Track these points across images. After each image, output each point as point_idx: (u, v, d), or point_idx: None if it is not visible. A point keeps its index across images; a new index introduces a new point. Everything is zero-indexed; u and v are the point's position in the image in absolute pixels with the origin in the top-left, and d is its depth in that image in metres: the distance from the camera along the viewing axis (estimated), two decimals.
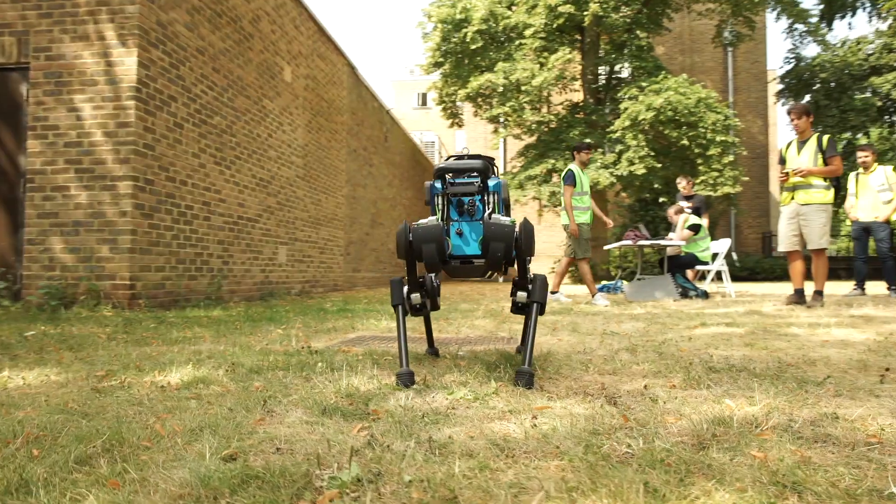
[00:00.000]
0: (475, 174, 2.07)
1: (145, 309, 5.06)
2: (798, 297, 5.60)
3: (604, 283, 9.75)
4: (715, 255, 8.12)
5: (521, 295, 2.16)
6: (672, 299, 7.12)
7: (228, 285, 6.67)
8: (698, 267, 7.98)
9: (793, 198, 5.61)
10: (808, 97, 18.32)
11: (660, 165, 14.56)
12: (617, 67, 16.76)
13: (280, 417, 1.61)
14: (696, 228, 7.87)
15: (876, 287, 9.38)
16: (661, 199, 16.61)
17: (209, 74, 6.28)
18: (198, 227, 6.07)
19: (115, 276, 5.05)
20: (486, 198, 2.11)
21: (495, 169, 2.22)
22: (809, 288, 5.84)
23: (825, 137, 5.48)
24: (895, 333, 3.45)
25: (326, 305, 6.23)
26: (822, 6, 18.83)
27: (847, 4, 18.40)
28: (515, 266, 2.16)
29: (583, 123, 15.65)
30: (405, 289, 2.18)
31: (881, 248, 6.98)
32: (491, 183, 2.11)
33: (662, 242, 7.75)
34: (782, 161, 5.77)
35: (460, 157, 2.14)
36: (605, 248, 10.12)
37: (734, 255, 17.19)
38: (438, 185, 2.13)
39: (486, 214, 2.08)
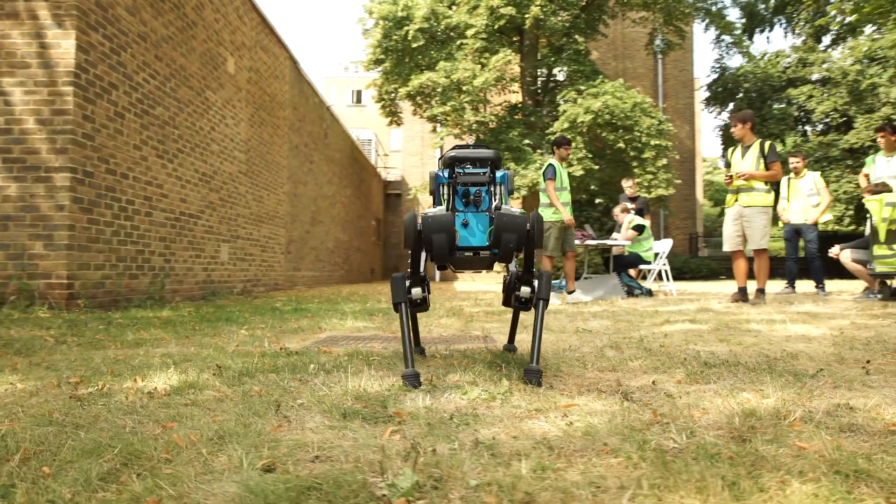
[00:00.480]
0: (485, 164, 2.02)
1: (85, 309, 4.72)
2: (741, 295, 5.86)
3: None
4: (657, 255, 8.40)
5: (525, 290, 2.12)
6: (620, 297, 7.30)
7: (171, 284, 6.33)
8: (641, 266, 8.23)
9: (737, 200, 5.86)
10: (731, 105, 19.33)
11: (597, 167, 14.97)
12: (555, 71, 17.10)
13: (299, 423, 1.51)
14: (640, 229, 8.11)
15: (803, 285, 9.95)
16: (597, 201, 17.06)
17: (151, 62, 5.94)
18: (139, 222, 5.72)
19: (50, 275, 4.68)
20: (492, 189, 2.06)
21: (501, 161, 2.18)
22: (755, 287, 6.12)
23: (767, 143, 5.75)
24: (846, 328, 3.65)
25: (277, 305, 6.02)
26: (744, 20, 19.90)
27: (766, 20, 19.54)
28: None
29: (521, 125, 15.87)
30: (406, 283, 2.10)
31: (810, 249, 7.41)
32: (498, 174, 2.07)
33: (608, 242, 7.94)
34: (728, 165, 6.02)
35: (464, 147, 2.08)
36: None
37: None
38: (444, 174, 2.07)
39: (493, 205, 2.04)
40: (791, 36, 19.76)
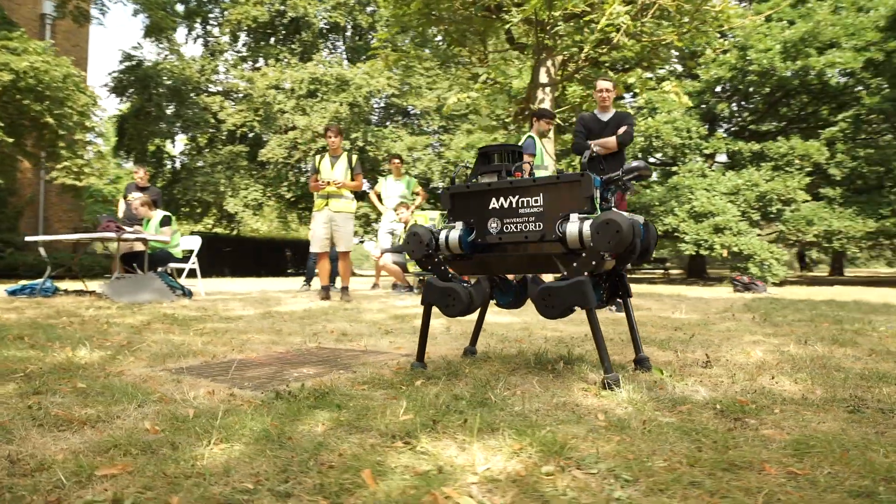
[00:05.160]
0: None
1: None
2: (325, 293, 6.42)
3: (23, 283, 7.65)
4: (188, 253, 7.87)
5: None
6: (170, 300, 6.59)
7: None
8: (172, 265, 7.57)
9: (327, 205, 6.40)
10: (146, 96, 18.53)
11: (11, 140, 12.09)
12: None
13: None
14: (167, 221, 7.46)
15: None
16: None
17: None
18: None
19: None
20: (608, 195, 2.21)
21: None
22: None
23: (354, 157, 6.53)
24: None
25: None
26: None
27: (173, 25, 19.54)
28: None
29: None
30: None
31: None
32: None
33: (147, 236, 7.00)
34: (316, 171, 6.47)
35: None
36: (66, 237, 7.81)
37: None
38: (598, 178, 2.09)
39: (615, 211, 2.21)
40: (192, 43, 20.72)
